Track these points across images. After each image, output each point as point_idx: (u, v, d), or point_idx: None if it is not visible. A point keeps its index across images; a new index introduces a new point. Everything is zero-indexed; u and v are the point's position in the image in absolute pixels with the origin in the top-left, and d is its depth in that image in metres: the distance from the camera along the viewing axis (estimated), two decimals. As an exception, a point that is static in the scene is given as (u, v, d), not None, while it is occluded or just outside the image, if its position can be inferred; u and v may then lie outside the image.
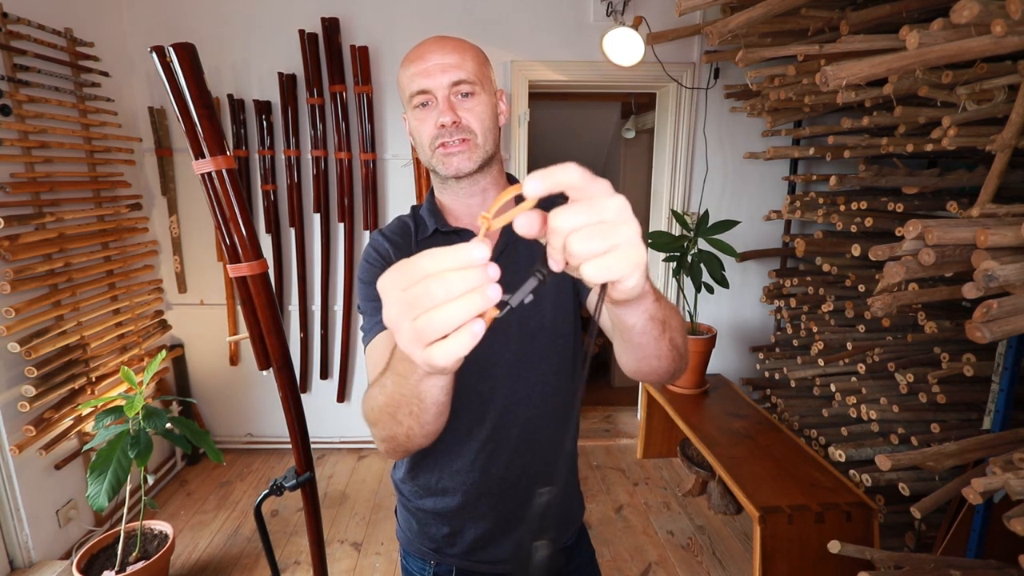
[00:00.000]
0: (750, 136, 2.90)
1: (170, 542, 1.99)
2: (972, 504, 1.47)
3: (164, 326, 2.75)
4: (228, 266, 1.09)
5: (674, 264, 2.53)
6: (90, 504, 1.71)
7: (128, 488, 1.90)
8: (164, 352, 2.12)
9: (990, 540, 1.60)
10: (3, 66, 1.92)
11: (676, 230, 2.79)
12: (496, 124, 0.84)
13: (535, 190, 0.38)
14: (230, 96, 2.65)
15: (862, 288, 2.26)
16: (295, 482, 1.18)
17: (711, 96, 2.83)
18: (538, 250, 0.42)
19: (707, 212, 2.61)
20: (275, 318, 1.13)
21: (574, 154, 4.36)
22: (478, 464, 0.88)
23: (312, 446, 1.25)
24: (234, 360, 2.94)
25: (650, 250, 2.78)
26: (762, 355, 2.89)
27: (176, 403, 2.77)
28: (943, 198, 2.00)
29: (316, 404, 2.99)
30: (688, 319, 2.67)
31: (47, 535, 2.07)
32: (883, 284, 1.62)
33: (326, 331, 2.91)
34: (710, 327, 2.66)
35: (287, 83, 2.62)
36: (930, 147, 1.79)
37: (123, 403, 1.83)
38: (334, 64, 2.59)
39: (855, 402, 2.15)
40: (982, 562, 1.46)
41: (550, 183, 0.38)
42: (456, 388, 0.76)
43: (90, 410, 2.17)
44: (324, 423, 3.04)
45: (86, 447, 2.04)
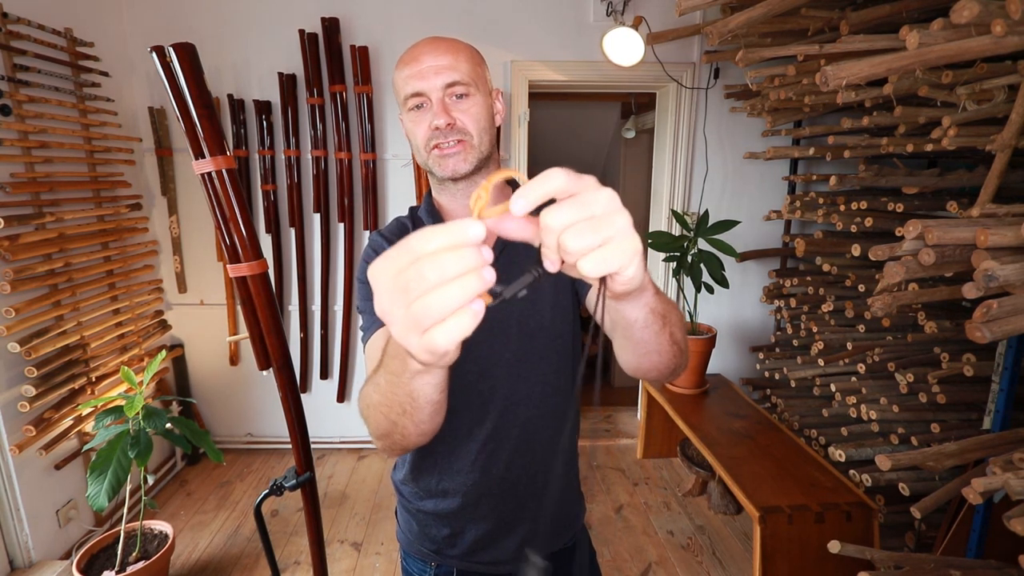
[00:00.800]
0: (750, 136, 2.90)
1: (170, 542, 1.99)
2: (972, 504, 1.47)
3: (164, 326, 2.75)
4: (228, 266, 1.09)
5: (674, 264, 2.53)
6: (90, 504, 1.71)
7: (128, 488, 1.90)
8: (164, 352, 2.12)
9: (990, 540, 1.60)
10: (3, 66, 1.92)
11: (676, 230, 2.79)
12: (492, 124, 0.84)
13: (522, 209, 0.38)
14: (230, 96, 2.65)
15: (862, 288, 2.26)
16: (295, 482, 1.18)
17: (711, 96, 2.83)
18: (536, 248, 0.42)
19: (707, 212, 2.61)
20: (275, 318, 1.13)
21: (574, 154, 4.36)
22: (478, 464, 0.88)
23: (312, 446, 1.25)
24: (234, 360, 2.94)
25: (650, 250, 2.78)
26: (762, 355, 2.89)
27: (176, 403, 2.77)
28: (943, 198, 2.00)
29: (316, 404, 2.99)
30: (688, 319, 2.67)
31: (47, 535, 2.07)
32: (883, 284, 1.62)
33: (326, 331, 2.91)
34: (710, 327, 2.66)
35: (287, 83, 2.62)
36: (930, 147, 1.79)
37: (123, 403, 1.83)
38: (334, 64, 2.59)
39: (855, 402, 2.15)
40: (982, 562, 1.46)
41: (535, 197, 0.38)
42: (456, 388, 0.75)
43: (90, 410, 2.17)
44: (324, 423, 3.04)
45: (86, 447, 2.04)
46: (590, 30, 2.69)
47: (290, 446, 1.81)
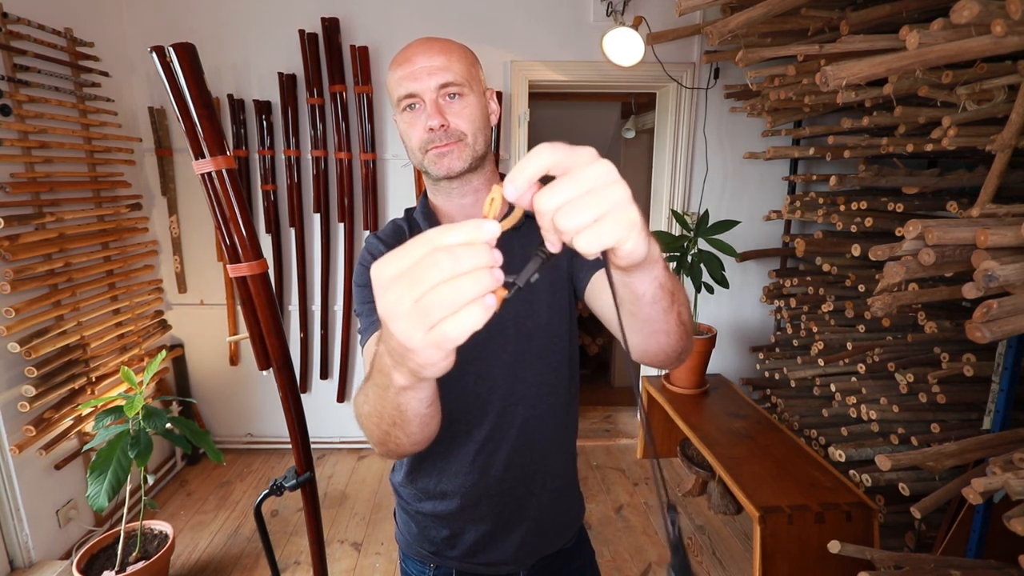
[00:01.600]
0: (750, 136, 2.90)
1: (170, 542, 1.99)
2: (972, 504, 1.46)
3: (164, 326, 2.75)
4: (228, 266, 1.09)
5: (674, 264, 2.53)
6: (90, 504, 1.71)
7: (128, 488, 1.90)
8: (164, 352, 2.12)
9: (990, 540, 1.60)
10: (3, 66, 1.92)
11: (676, 230, 2.79)
12: (487, 124, 0.84)
13: (514, 192, 0.38)
14: (230, 96, 2.65)
15: (862, 288, 2.26)
16: (295, 482, 1.18)
17: (711, 96, 2.83)
18: (534, 243, 0.42)
19: (707, 212, 2.61)
20: (275, 318, 1.13)
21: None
22: (477, 465, 0.88)
23: (312, 446, 1.25)
24: (234, 360, 2.94)
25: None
26: (762, 355, 2.89)
27: (176, 403, 2.77)
28: (943, 198, 2.00)
29: (316, 404, 2.99)
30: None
31: (47, 535, 2.07)
32: (883, 284, 1.62)
33: (326, 331, 2.91)
34: (710, 327, 2.66)
35: (287, 83, 2.62)
36: (930, 147, 1.79)
37: (123, 403, 1.83)
38: (334, 64, 2.59)
39: (855, 402, 2.15)
40: (982, 562, 1.46)
41: (526, 177, 0.37)
42: (454, 389, 0.75)
43: (90, 410, 2.17)
44: (324, 423, 3.04)
45: (86, 447, 2.04)
46: (590, 30, 2.69)
47: (290, 446, 1.81)
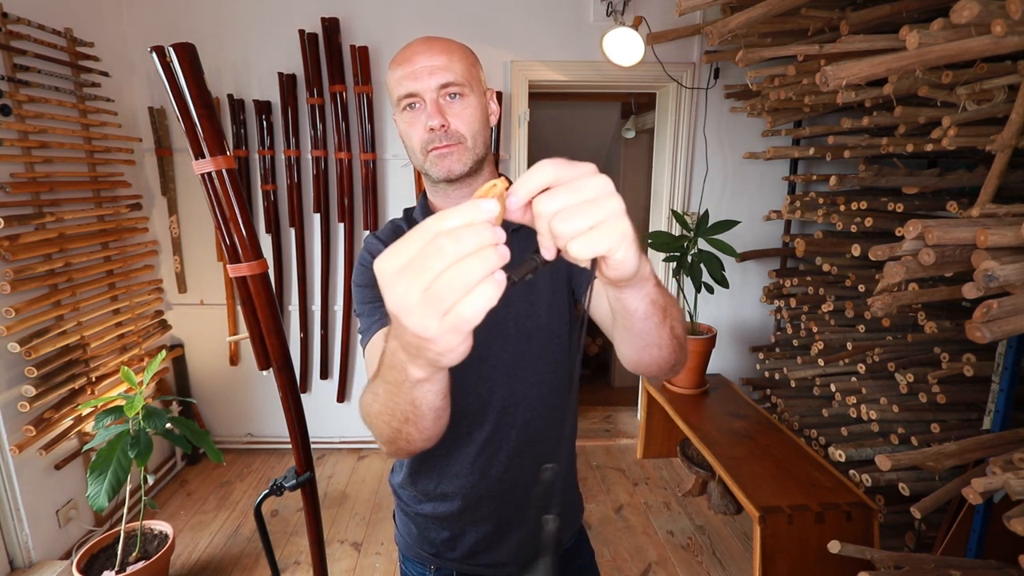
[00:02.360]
0: (750, 136, 2.90)
1: (170, 542, 1.99)
2: (972, 504, 1.46)
3: (164, 326, 2.75)
4: (228, 266, 1.09)
5: (674, 264, 2.53)
6: (90, 504, 1.71)
7: (128, 488, 1.90)
8: (164, 352, 2.12)
9: (990, 540, 1.60)
10: (3, 66, 1.92)
11: (676, 230, 2.79)
12: (487, 125, 0.84)
13: (516, 205, 0.39)
14: (230, 96, 2.65)
15: (862, 288, 2.26)
16: (295, 482, 1.18)
17: (711, 96, 2.83)
18: (529, 249, 0.43)
19: (707, 212, 2.61)
20: (275, 318, 1.13)
21: (574, 154, 4.30)
22: (477, 467, 0.88)
23: (312, 446, 1.25)
24: (234, 360, 2.94)
25: (650, 250, 2.78)
26: (762, 355, 2.89)
27: (176, 403, 2.77)
28: (943, 198, 2.00)
29: (316, 404, 2.99)
30: (688, 319, 2.67)
31: (47, 535, 2.07)
32: (883, 284, 1.62)
33: (326, 331, 2.91)
34: (710, 327, 2.66)
35: (287, 83, 2.61)
36: (930, 147, 1.79)
37: (123, 403, 1.83)
38: (334, 64, 2.59)
39: (855, 402, 2.15)
40: (982, 562, 1.46)
41: (526, 192, 0.39)
42: (454, 391, 0.75)
43: (90, 410, 2.16)
44: (324, 423, 3.04)
45: (86, 447, 2.04)
46: (590, 30, 2.69)
47: (290, 446, 1.81)
